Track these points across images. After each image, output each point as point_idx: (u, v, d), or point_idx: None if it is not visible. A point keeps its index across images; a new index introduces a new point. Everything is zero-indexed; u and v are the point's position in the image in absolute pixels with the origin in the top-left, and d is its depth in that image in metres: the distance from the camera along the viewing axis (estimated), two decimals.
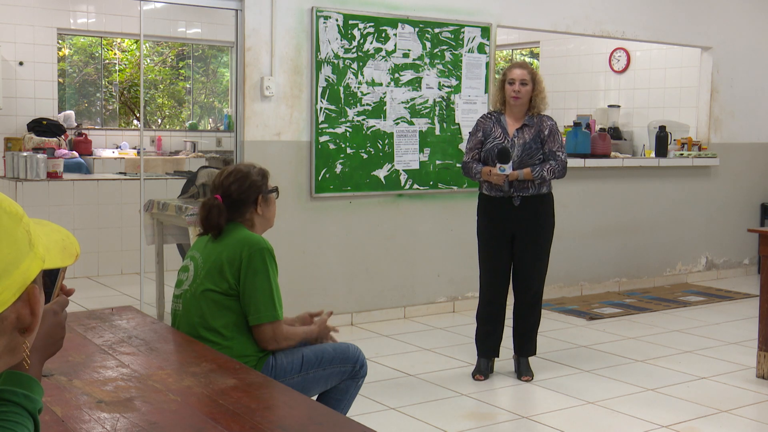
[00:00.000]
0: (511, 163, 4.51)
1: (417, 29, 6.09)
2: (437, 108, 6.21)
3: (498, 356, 4.86)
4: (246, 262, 2.88)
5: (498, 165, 4.51)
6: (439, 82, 6.22)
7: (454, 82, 6.26)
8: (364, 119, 5.92)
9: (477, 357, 4.85)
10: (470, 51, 6.34)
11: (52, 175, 7.40)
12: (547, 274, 4.83)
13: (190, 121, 11.57)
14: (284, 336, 2.93)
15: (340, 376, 3.07)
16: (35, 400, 1.12)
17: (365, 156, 5.95)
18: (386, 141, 6.03)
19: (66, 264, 1.12)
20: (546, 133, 4.64)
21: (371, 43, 5.91)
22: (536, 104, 4.64)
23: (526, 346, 4.80)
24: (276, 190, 3.13)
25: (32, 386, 1.14)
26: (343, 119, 5.84)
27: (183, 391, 2.16)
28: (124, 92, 11.76)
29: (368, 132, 5.95)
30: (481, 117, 4.81)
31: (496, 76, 6.50)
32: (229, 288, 2.90)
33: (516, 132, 4.63)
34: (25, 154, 7.39)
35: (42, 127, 9.01)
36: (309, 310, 3.34)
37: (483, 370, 4.77)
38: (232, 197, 3.01)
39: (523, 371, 4.77)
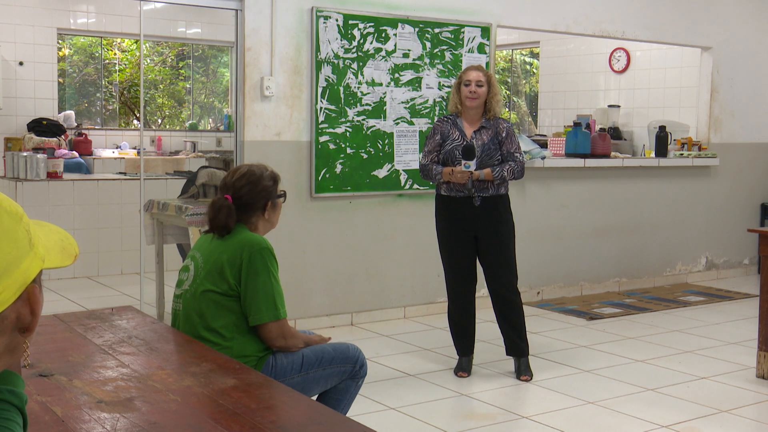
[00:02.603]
0: (475, 160, 4.55)
1: (417, 29, 6.09)
2: (437, 108, 6.21)
3: (473, 352, 4.91)
4: (247, 263, 2.88)
5: (463, 162, 4.54)
6: (439, 82, 6.22)
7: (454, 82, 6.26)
8: (364, 119, 5.92)
9: (457, 356, 4.91)
10: (470, 51, 6.34)
11: (52, 175, 7.40)
12: (518, 273, 4.86)
13: (190, 121, 11.57)
14: (291, 333, 2.95)
15: (340, 376, 3.07)
16: (20, 395, 1.12)
17: (365, 156, 5.95)
18: (386, 141, 6.03)
19: (65, 264, 1.12)
20: (503, 135, 4.69)
21: (371, 43, 5.91)
22: (492, 107, 4.68)
23: (516, 346, 4.81)
24: (284, 194, 3.14)
25: (14, 380, 1.13)
26: (343, 119, 5.84)
27: (183, 391, 2.16)
28: (124, 92, 11.76)
29: (368, 132, 5.95)
30: (437, 120, 4.84)
31: (497, 76, 6.50)
32: (230, 289, 2.90)
33: (474, 134, 4.67)
34: (25, 154, 7.39)
35: (42, 127, 9.01)
36: (307, 331, 3.36)
37: (465, 368, 4.84)
38: (242, 200, 3.01)
39: (522, 371, 4.77)
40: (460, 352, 4.89)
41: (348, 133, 5.86)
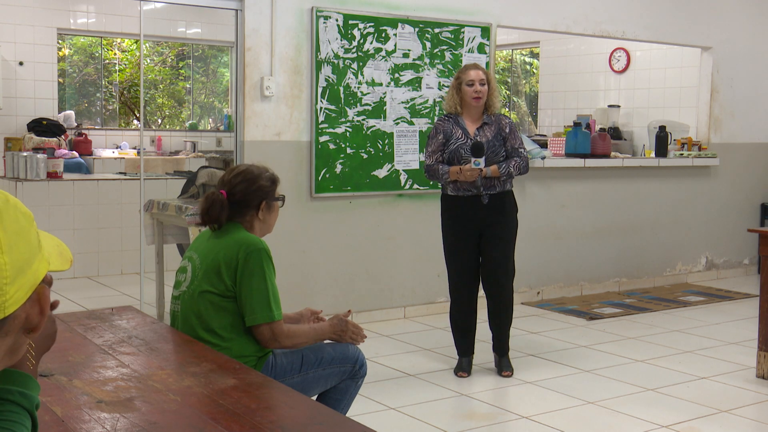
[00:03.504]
0: (484, 158, 4.54)
1: (417, 29, 6.09)
2: (437, 108, 6.21)
3: (473, 353, 4.91)
4: (242, 263, 2.87)
5: (473, 160, 4.54)
6: (439, 82, 6.22)
7: None
8: (364, 119, 5.92)
9: (458, 356, 4.91)
10: (470, 51, 6.34)
11: (52, 175, 7.40)
12: (516, 272, 4.88)
13: (190, 121, 11.57)
14: (285, 334, 2.90)
15: (340, 376, 3.07)
16: (31, 397, 1.12)
17: (365, 156, 5.95)
18: (386, 141, 6.03)
19: (64, 268, 1.14)
20: (507, 131, 4.71)
21: (371, 43, 5.91)
22: (493, 103, 4.71)
23: (503, 344, 4.86)
24: (282, 198, 3.12)
25: (28, 383, 1.14)
26: (343, 119, 5.84)
27: (183, 391, 2.16)
28: (124, 92, 11.76)
29: (368, 132, 5.95)
30: (438, 119, 4.82)
31: (497, 76, 6.49)
32: (227, 289, 2.89)
33: (477, 131, 4.68)
34: (25, 154, 7.39)
35: (42, 127, 9.01)
36: (310, 307, 3.33)
37: (465, 368, 4.84)
38: (236, 196, 3.00)
39: (503, 367, 4.81)
40: (460, 352, 4.89)
41: (348, 133, 5.86)
